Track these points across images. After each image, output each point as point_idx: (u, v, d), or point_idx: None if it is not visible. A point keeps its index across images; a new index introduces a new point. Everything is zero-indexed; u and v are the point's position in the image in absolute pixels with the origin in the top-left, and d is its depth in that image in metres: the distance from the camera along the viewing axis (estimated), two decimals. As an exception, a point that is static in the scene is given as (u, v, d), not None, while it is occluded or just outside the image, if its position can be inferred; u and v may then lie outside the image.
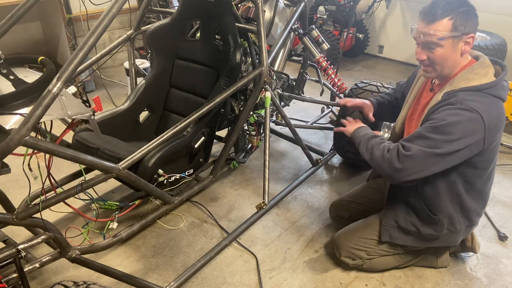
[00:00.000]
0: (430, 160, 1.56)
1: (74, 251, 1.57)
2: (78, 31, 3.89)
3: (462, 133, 1.52)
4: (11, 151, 1.22)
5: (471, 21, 1.57)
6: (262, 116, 2.36)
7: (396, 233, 1.86)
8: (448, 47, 1.59)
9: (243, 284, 1.92)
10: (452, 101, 1.56)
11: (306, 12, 2.67)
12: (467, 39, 1.58)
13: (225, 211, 2.38)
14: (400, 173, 1.60)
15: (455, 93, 1.59)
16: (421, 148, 1.56)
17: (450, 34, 1.56)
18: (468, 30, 1.57)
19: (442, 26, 1.56)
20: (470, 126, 1.52)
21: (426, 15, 1.59)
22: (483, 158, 1.65)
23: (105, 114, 2.28)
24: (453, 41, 1.58)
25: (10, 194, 1.47)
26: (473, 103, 1.53)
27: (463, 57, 1.65)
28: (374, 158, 1.69)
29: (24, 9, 1.68)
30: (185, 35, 2.42)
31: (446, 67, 1.66)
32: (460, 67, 1.66)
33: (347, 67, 4.70)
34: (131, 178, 1.76)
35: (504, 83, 1.62)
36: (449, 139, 1.53)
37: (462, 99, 1.55)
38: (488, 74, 1.62)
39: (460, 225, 1.81)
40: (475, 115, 1.51)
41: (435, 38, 1.57)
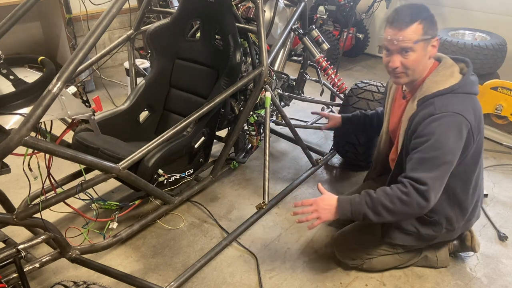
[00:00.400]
0: (444, 178, 1.61)
1: (74, 251, 1.58)
2: (78, 31, 3.89)
3: (455, 138, 1.59)
4: (11, 151, 1.22)
5: (435, 26, 1.65)
6: (262, 116, 2.36)
7: (395, 233, 1.86)
8: (420, 51, 1.64)
9: (243, 284, 1.92)
10: (432, 111, 1.61)
11: (306, 12, 2.67)
12: (434, 42, 1.65)
13: (225, 211, 2.38)
14: (426, 210, 1.61)
15: (430, 99, 1.64)
16: (432, 174, 1.57)
17: (423, 37, 1.62)
18: (435, 34, 1.65)
19: (414, 30, 1.61)
20: (459, 129, 1.59)
21: (397, 22, 1.63)
22: (471, 153, 1.69)
23: (105, 114, 2.28)
24: (424, 45, 1.64)
25: (10, 194, 1.47)
26: (452, 107, 1.59)
27: (429, 61, 1.71)
28: (394, 210, 1.60)
29: (24, 9, 1.68)
30: (185, 35, 2.42)
31: (417, 71, 1.70)
32: (427, 71, 1.72)
33: (347, 67, 4.70)
34: (131, 178, 1.76)
35: (471, 78, 1.69)
36: (447, 150, 1.58)
37: (441, 105, 1.61)
38: (454, 74, 1.68)
39: (458, 223, 1.83)
40: (458, 117, 1.58)
41: (410, 43, 1.62)
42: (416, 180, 1.58)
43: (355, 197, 1.67)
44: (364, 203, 1.63)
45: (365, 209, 1.63)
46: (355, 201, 1.66)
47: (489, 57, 3.36)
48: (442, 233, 1.82)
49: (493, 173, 2.75)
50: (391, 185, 1.64)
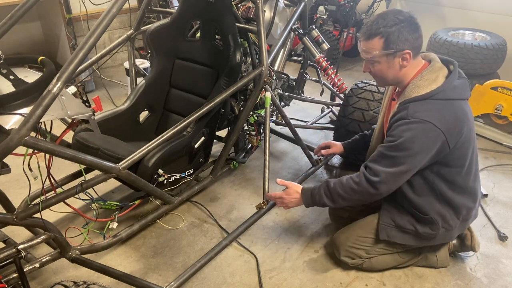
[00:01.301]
0: (400, 176, 1.68)
1: (74, 251, 1.58)
2: (78, 31, 3.89)
3: (421, 145, 1.61)
4: (11, 151, 1.22)
5: (405, 38, 1.62)
6: (262, 116, 2.36)
7: (393, 232, 1.86)
8: (384, 63, 1.69)
9: (243, 284, 1.92)
10: (404, 115, 1.64)
11: (306, 12, 2.67)
12: (403, 55, 1.65)
13: (225, 211, 2.38)
14: (378, 196, 1.74)
15: (406, 104, 1.66)
16: (388, 169, 1.66)
17: (382, 52, 1.65)
18: (402, 47, 1.63)
19: (374, 44, 1.66)
20: (427, 137, 1.60)
21: (362, 33, 1.71)
22: (454, 156, 1.70)
23: (105, 114, 2.28)
24: (387, 58, 1.66)
25: (10, 194, 1.47)
26: (423, 114, 1.60)
27: (413, 67, 1.71)
28: (348, 198, 1.77)
29: (24, 9, 1.68)
30: (185, 35, 2.42)
31: (389, 80, 1.75)
32: (412, 75, 1.72)
33: (347, 67, 4.70)
34: (131, 178, 1.76)
35: (455, 83, 1.67)
36: (410, 153, 1.63)
37: (413, 111, 1.63)
38: (437, 79, 1.67)
39: (454, 222, 1.82)
40: (428, 125, 1.59)
41: (369, 55, 1.68)
42: (370, 171, 1.70)
43: (315, 188, 1.85)
44: (323, 194, 1.81)
45: (324, 199, 1.81)
46: (315, 191, 1.84)
47: (489, 57, 3.36)
48: (440, 232, 1.82)
49: (493, 173, 2.75)
50: (347, 176, 1.77)
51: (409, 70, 1.71)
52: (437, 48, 3.51)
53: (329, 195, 1.80)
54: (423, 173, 1.72)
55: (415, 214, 1.81)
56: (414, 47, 1.65)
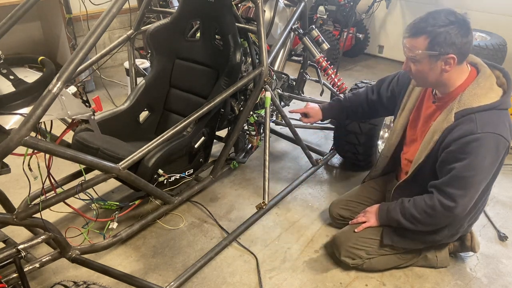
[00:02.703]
0: (475, 194, 1.65)
1: (74, 251, 1.58)
2: (78, 31, 3.88)
3: (492, 159, 1.59)
4: (11, 151, 1.22)
5: (452, 41, 1.54)
6: (262, 116, 2.36)
7: (397, 236, 1.86)
8: (425, 64, 1.61)
9: (243, 284, 1.92)
10: (473, 129, 1.55)
11: (306, 12, 2.67)
12: (447, 59, 1.57)
13: (225, 211, 2.38)
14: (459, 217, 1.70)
15: (471, 115, 1.58)
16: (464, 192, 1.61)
17: (425, 52, 1.58)
18: (447, 50, 1.55)
19: (418, 43, 1.58)
20: (497, 150, 1.58)
21: (408, 29, 1.62)
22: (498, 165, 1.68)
23: (105, 114, 2.28)
24: (429, 59, 1.59)
25: (10, 194, 1.47)
26: (493, 126, 1.55)
27: (458, 73, 1.64)
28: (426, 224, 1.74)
29: (24, 9, 1.67)
30: (185, 35, 2.41)
31: (428, 82, 1.68)
32: (460, 81, 1.65)
33: (347, 67, 4.70)
34: (131, 178, 1.76)
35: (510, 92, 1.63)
36: (483, 170, 1.59)
37: (482, 124, 1.55)
38: (493, 86, 1.62)
39: (463, 227, 1.83)
40: (497, 138, 1.55)
41: (411, 53, 1.61)
42: (446, 195, 1.64)
43: (391, 204, 1.83)
44: (398, 211, 1.78)
45: (399, 216, 1.78)
46: (391, 207, 1.82)
47: (489, 57, 3.36)
48: (444, 235, 1.83)
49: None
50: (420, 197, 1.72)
51: (453, 75, 1.64)
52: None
53: (403, 213, 1.76)
54: None
55: None
56: (461, 52, 1.57)
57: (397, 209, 1.78)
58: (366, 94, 2.17)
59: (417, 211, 1.71)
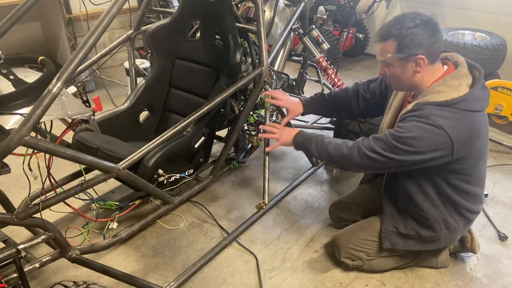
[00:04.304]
0: (389, 164, 1.65)
1: (74, 251, 1.58)
2: (78, 31, 3.88)
3: (425, 147, 1.57)
4: (11, 151, 1.22)
5: (419, 42, 1.56)
6: (262, 116, 2.35)
7: (397, 239, 1.86)
8: (397, 67, 1.64)
9: (243, 284, 1.92)
10: (419, 114, 1.59)
11: (306, 12, 2.67)
12: (416, 59, 1.59)
13: (225, 211, 2.38)
14: (359, 169, 1.82)
15: (423, 105, 1.61)
16: (383, 152, 1.63)
17: (395, 55, 1.60)
18: (416, 51, 1.57)
19: (387, 47, 1.62)
20: (434, 141, 1.55)
21: (377, 35, 1.66)
22: (465, 166, 1.67)
23: (105, 114, 2.28)
24: (400, 62, 1.61)
25: (10, 194, 1.47)
26: (439, 119, 1.54)
27: (431, 73, 1.65)
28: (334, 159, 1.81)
29: (24, 9, 1.67)
30: (185, 35, 2.41)
31: (403, 84, 1.71)
32: (429, 82, 1.66)
33: (347, 67, 4.70)
34: (131, 178, 1.76)
35: (477, 94, 1.60)
36: (410, 150, 1.58)
37: (428, 113, 1.57)
38: (461, 87, 1.61)
39: (457, 224, 1.82)
40: (440, 131, 1.54)
41: (382, 57, 1.65)
42: (368, 144, 1.68)
43: (311, 136, 1.88)
44: (314, 145, 1.84)
45: (313, 148, 1.85)
46: (308, 138, 1.88)
47: (489, 57, 3.36)
48: (443, 233, 1.81)
49: (493, 173, 2.75)
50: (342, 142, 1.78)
51: (426, 76, 1.64)
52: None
53: (320, 147, 1.83)
54: (429, 174, 1.69)
55: (419, 217, 1.79)
56: (430, 52, 1.58)
57: (313, 143, 1.84)
58: (356, 90, 2.14)
59: (334, 150, 1.77)
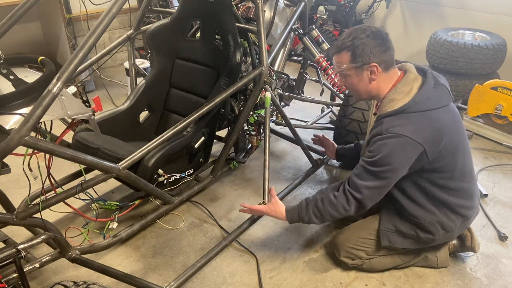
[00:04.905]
0: (382, 189, 1.72)
1: (74, 251, 1.58)
2: (78, 31, 3.89)
3: (400, 159, 1.63)
4: (11, 151, 1.22)
5: (370, 51, 1.65)
6: (262, 116, 2.35)
7: (395, 237, 1.86)
8: (354, 76, 1.72)
9: (243, 284, 1.92)
10: (379, 130, 1.66)
11: (306, 12, 2.67)
12: (370, 68, 1.67)
13: (225, 211, 2.38)
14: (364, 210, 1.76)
15: (381, 119, 1.68)
16: (369, 183, 1.69)
17: (349, 65, 1.69)
18: (368, 60, 1.66)
19: (342, 58, 1.71)
20: (404, 150, 1.62)
21: (332, 48, 1.76)
22: (441, 164, 1.69)
23: (105, 114, 2.28)
24: (356, 71, 1.70)
25: (10, 194, 1.47)
26: (397, 128, 1.62)
27: (386, 80, 1.72)
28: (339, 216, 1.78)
29: (24, 9, 1.68)
30: (185, 35, 2.42)
31: (361, 93, 1.78)
32: (387, 89, 1.73)
33: (347, 67, 4.70)
34: (131, 178, 1.76)
35: (428, 94, 1.66)
36: (391, 168, 1.65)
37: (387, 126, 1.64)
38: (411, 91, 1.68)
39: (454, 223, 1.82)
40: (403, 139, 1.60)
41: (339, 69, 1.73)
42: (355, 188, 1.72)
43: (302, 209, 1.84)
44: (312, 215, 1.81)
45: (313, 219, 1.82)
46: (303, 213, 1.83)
47: (489, 57, 3.36)
48: (440, 234, 1.82)
49: (493, 173, 2.75)
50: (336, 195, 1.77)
51: (382, 83, 1.72)
52: (437, 48, 3.51)
53: (319, 215, 1.80)
54: (414, 180, 1.73)
55: (413, 221, 1.81)
56: (382, 60, 1.67)
57: (310, 213, 1.81)
58: None
59: (335, 209, 1.76)
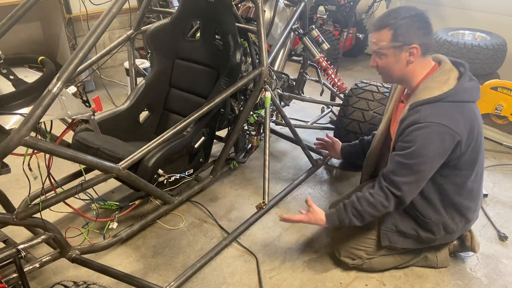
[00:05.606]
0: (421, 182, 1.68)
1: (74, 251, 1.58)
2: (78, 31, 3.89)
3: (438, 149, 1.60)
4: (11, 151, 1.22)
5: (414, 31, 1.61)
6: (262, 116, 2.36)
7: (395, 237, 1.86)
8: (391, 56, 1.67)
9: (243, 284, 1.92)
10: (417, 119, 1.61)
11: (306, 12, 2.67)
12: (410, 49, 1.63)
13: (225, 211, 2.38)
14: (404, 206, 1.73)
15: (418, 107, 1.63)
16: (408, 179, 1.65)
17: (389, 44, 1.64)
18: (410, 41, 1.61)
19: (382, 36, 1.66)
20: (443, 140, 1.59)
21: (372, 24, 1.71)
22: (465, 159, 1.68)
23: (105, 114, 2.28)
24: (394, 51, 1.65)
25: (10, 194, 1.48)
26: (436, 117, 1.58)
27: (421, 66, 1.69)
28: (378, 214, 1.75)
29: (24, 9, 1.68)
30: (185, 35, 2.42)
31: (394, 75, 1.73)
32: (420, 76, 1.70)
33: (347, 67, 4.70)
34: (131, 178, 1.76)
35: (466, 85, 1.65)
36: (427, 159, 1.62)
37: (425, 115, 1.60)
38: (449, 80, 1.65)
39: (457, 225, 1.82)
40: (442, 128, 1.57)
41: (376, 47, 1.68)
42: (392, 184, 1.68)
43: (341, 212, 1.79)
44: (352, 216, 1.76)
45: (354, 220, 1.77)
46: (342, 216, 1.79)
47: (489, 57, 3.36)
48: (441, 235, 1.82)
49: (493, 173, 2.75)
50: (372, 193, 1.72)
51: (417, 69, 1.68)
52: (437, 48, 3.51)
53: (358, 216, 1.76)
54: (433, 176, 1.70)
55: (418, 218, 1.81)
56: (423, 43, 1.62)
57: (350, 215, 1.77)
58: None
59: (375, 208, 1.72)
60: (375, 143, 2.04)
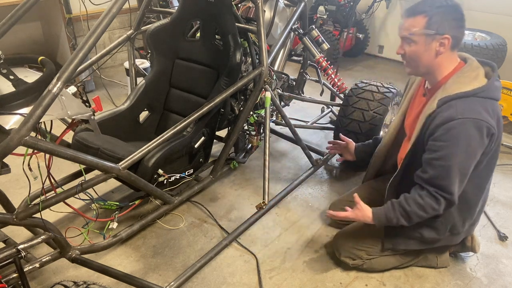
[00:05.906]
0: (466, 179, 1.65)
1: (74, 251, 1.58)
2: (78, 31, 3.89)
3: (479, 143, 1.58)
4: (11, 151, 1.22)
5: (448, 22, 1.58)
6: (262, 116, 2.36)
7: (398, 239, 1.86)
8: (421, 44, 1.62)
9: (243, 284, 1.92)
10: (453, 114, 1.56)
11: (306, 12, 2.67)
12: (442, 39, 1.59)
13: (225, 211, 2.38)
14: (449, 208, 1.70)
15: (451, 102, 1.59)
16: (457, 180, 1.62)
17: (422, 31, 1.59)
18: (443, 31, 1.58)
19: (416, 22, 1.61)
20: (481, 134, 1.56)
21: (406, 10, 1.65)
22: (489, 156, 1.68)
23: (105, 114, 2.28)
24: (426, 39, 1.61)
25: (10, 194, 1.47)
26: (473, 112, 1.55)
27: (449, 60, 1.66)
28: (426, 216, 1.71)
29: (24, 9, 1.68)
30: (185, 35, 2.42)
31: (421, 65, 1.68)
32: (448, 71, 1.67)
33: (347, 67, 4.70)
34: (131, 178, 1.76)
35: (496, 84, 1.64)
36: (472, 155, 1.60)
37: (461, 110, 1.56)
38: (478, 77, 1.63)
39: (463, 227, 1.83)
40: (479, 122, 1.55)
41: (407, 33, 1.63)
42: (443, 189, 1.63)
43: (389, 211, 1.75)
44: (400, 216, 1.72)
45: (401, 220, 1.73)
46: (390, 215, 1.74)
47: (489, 57, 3.36)
48: (446, 235, 1.82)
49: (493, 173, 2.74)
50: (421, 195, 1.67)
51: (445, 62, 1.65)
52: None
53: (406, 216, 1.72)
54: None
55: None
56: (455, 35, 1.59)
57: (398, 215, 1.73)
58: None
59: (425, 211, 1.67)
60: (386, 138, 2.03)
